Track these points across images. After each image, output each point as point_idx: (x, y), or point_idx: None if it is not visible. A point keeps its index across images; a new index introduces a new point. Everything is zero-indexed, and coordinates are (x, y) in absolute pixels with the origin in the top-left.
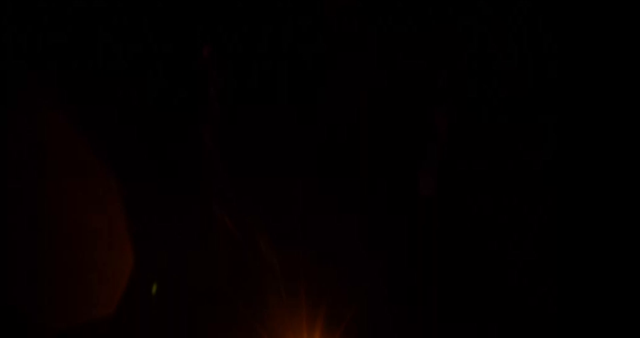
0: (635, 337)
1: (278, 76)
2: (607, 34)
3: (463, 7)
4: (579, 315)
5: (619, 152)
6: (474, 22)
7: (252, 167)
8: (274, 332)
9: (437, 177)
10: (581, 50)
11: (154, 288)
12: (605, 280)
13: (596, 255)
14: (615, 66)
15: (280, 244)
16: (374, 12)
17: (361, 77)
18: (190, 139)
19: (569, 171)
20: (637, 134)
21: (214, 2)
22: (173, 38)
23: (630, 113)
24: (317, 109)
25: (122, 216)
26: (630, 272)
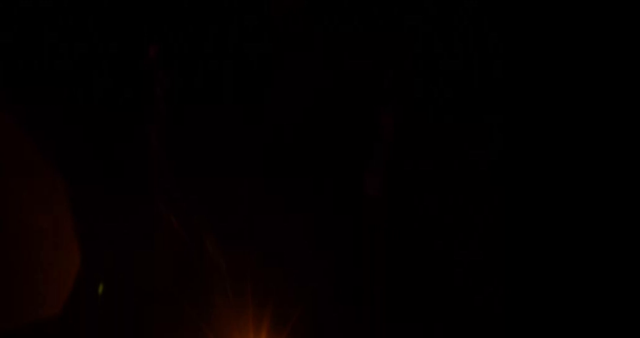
0: (581, 335)
1: (224, 76)
2: (551, 34)
3: (409, 7)
4: (524, 314)
5: (563, 151)
6: (419, 23)
7: (197, 167)
8: (220, 331)
9: (383, 177)
10: (526, 50)
11: (100, 288)
12: (551, 279)
13: (542, 254)
14: (559, 66)
15: (226, 244)
16: (319, 13)
17: (307, 77)
18: (136, 139)
19: (514, 170)
20: (582, 133)
21: (160, 3)
22: (119, 38)
23: (575, 112)
24: (262, 109)
25: (68, 216)
26: (575, 271)
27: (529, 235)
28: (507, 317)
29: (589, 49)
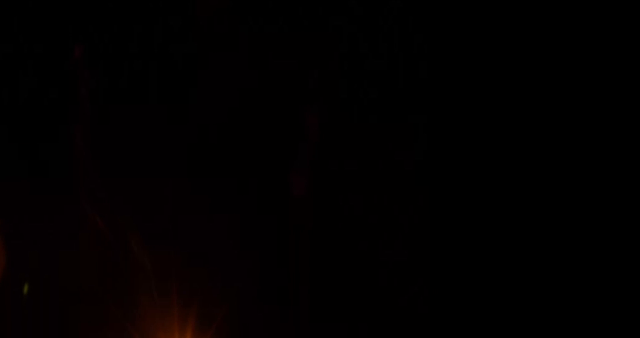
0: (505, 335)
1: (149, 76)
2: (476, 36)
3: (333, 7)
4: (449, 315)
5: (488, 151)
6: (344, 22)
7: (122, 167)
8: (145, 332)
9: (308, 177)
10: (451, 51)
11: (25, 289)
12: (476, 279)
13: (467, 254)
14: (484, 67)
15: (151, 244)
16: (244, 13)
17: (232, 77)
18: (61, 139)
19: (439, 170)
20: (508, 134)
21: (85, 2)
22: (43, 38)
23: (500, 113)
24: (187, 109)
25: None
26: (500, 271)
27: (454, 235)
28: (431, 317)
29: (514, 50)
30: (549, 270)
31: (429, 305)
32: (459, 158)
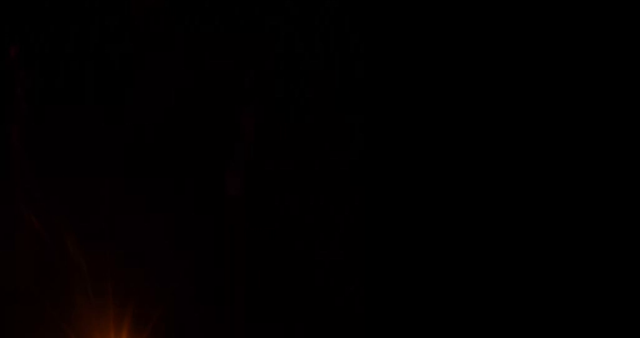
0: (441, 335)
1: (85, 76)
2: (412, 35)
3: (270, 7)
4: (385, 315)
5: (424, 151)
6: (280, 22)
7: (59, 167)
8: (81, 332)
9: (244, 177)
10: (387, 51)
11: None
12: (412, 279)
13: (403, 254)
14: (420, 66)
15: (88, 244)
16: (180, 13)
17: (168, 77)
18: None
19: (375, 170)
20: (443, 133)
21: (20, 2)
22: None
23: (436, 112)
24: (124, 109)
25: None
26: (436, 270)
27: (390, 235)
28: (368, 317)
29: (451, 49)
30: (484, 268)
31: (365, 304)
32: (395, 157)
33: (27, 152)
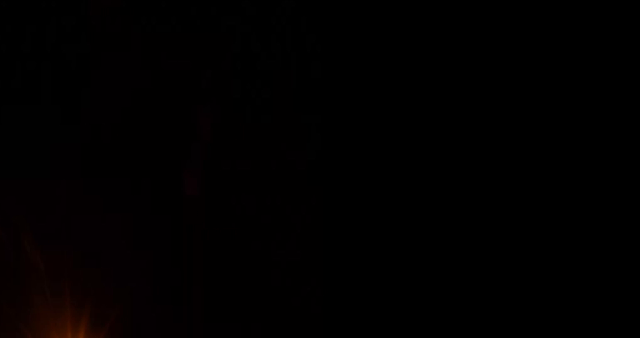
0: (397, 334)
1: (42, 76)
2: (368, 36)
3: (227, 7)
4: (342, 314)
5: (380, 151)
6: (237, 23)
7: (15, 168)
8: (38, 331)
9: (202, 177)
10: (344, 51)
11: None
12: (368, 278)
13: (361, 254)
14: (376, 66)
15: (45, 244)
16: (137, 13)
17: (125, 77)
18: None
19: (333, 170)
20: (399, 133)
21: None
22: None
23: (392, 112)
24: (81, 110)
25: None
26: (392, 270)
27: (347, 235)
28: (325, 317)
29: (406, 49)
30: (442, 267)
31: (322, 304)
32: (352, 157)
33: None
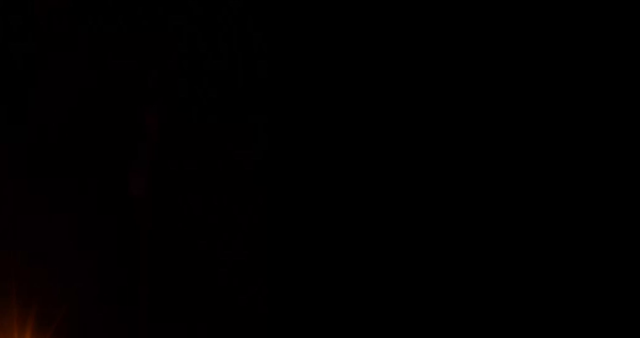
0: (343, 335)
1: None
2: (315, 35)
3: (173, 7)
4: (288, 314)
5: (327, 151)
6: (183, 22)
7: None
8: None
9: (148, 177)
10: (290, 50)
11: None
12: (316, 279)
13: (306, 254)
14: (323, 66)
15: None
16: (84, 12)
17: (71, 77)
18: None
19: (279, 170)
20: (345, 133)
21: None
22: None
23: (338, 112)
24: (27, 110)
25: None
26: (338, 270)
27: (293, 235)
28: (270, 317)
29: (353, 49)
30: (387, 266)
31: (268, 304)
32: (299, 157)
33: None
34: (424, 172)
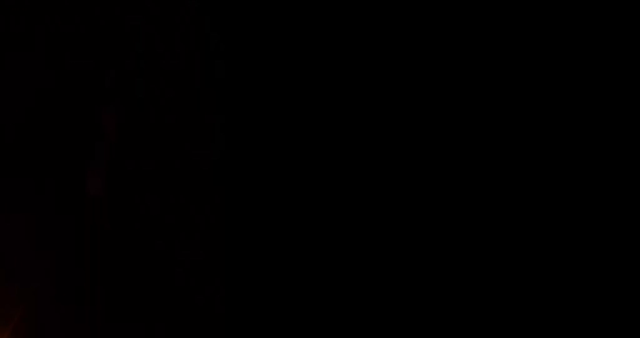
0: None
1: None
2: (273, 34)
3: (130, 6)
4: (246, 314)
5: (286, 151)
6: (141, 22)
7: None
8: None
9: (105, 177)
10: (248, 50)
11: None
12: (273, 279)
13: (264, 254)
14: (282, 66)
15: None
16: (41, 11)
17: (28, 76)
18: None
19: (237, 170)
20: (306, 133)
21: None
22: None
23: (298, 112)
24: None
25: None
26: (297, 270)
27: (251, 235)
28: (228, 317)
29: (314, 48)
30: (347, 267)
31: (226, 304)
32: (257, 157)
33: None
34: (387, 170)
